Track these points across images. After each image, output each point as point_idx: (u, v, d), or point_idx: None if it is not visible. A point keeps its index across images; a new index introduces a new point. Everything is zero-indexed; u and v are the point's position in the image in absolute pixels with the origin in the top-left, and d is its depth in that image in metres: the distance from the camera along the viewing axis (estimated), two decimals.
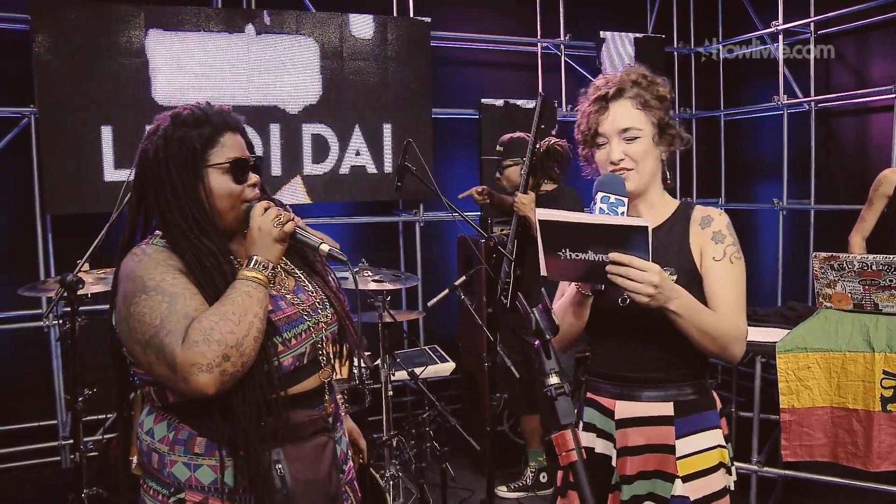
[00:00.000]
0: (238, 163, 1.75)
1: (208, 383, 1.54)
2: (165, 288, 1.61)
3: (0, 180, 4.76)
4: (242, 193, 1.76)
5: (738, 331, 1.88)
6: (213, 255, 1.69)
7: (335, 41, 5.16)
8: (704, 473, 1.92)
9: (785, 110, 5.76)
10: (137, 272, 1.65)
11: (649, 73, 2.00)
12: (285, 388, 1.71)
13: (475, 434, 4.02)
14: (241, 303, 1.61)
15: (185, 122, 1.74)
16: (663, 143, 1.97)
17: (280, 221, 1.72)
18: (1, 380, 4.83)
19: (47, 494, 4.35)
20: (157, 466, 1.71)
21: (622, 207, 1.79)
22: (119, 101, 4.65)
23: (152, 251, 1.70)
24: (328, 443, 1.80)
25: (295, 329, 1.75)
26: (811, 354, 3.50)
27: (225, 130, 1.76)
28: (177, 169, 1.70)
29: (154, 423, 1.75)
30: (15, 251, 4.82)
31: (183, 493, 1.69)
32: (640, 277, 1.68)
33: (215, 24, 4.84)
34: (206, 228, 1.71)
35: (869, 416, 3.35)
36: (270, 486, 1.67)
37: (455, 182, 5.57)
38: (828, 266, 3.67)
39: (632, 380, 1.96)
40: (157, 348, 1.56)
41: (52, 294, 3.58)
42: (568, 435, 1.41)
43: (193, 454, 1.69)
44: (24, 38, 4.56)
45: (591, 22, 6.12)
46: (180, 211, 1.70)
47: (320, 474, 1.75)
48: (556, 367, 1.44)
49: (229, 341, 1.56)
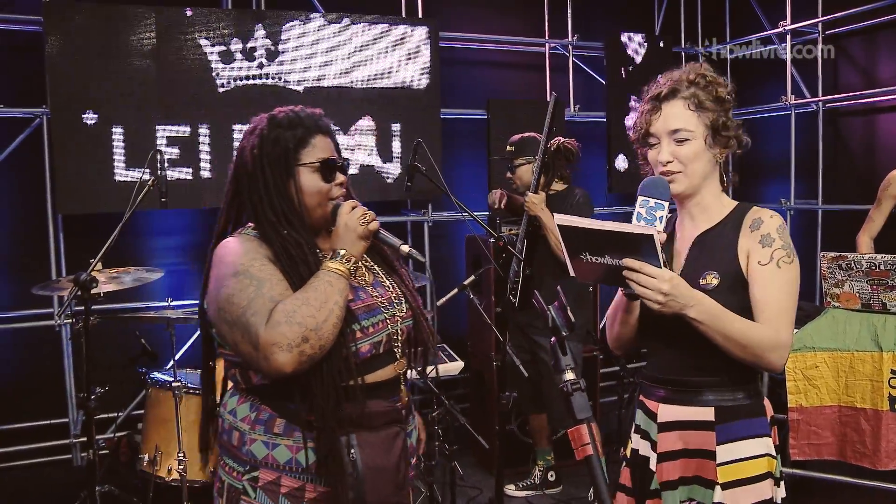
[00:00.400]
0: (327, 163, 1.89)
1: (286, 362, 1.65)
2: (254, 273, 1.74)
3: (12, 180, 4.80)
4: (330, 191, 1.89)
5: (777, 339, 1.80)
6: (299, 245, 1.82)
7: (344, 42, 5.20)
8: (748, 482, 1.86)
9: (792, 110, 5.77)
10: (229, 258, 1.78)
11: (710, 73, 1.96)
12: (362, 374, 1.81)
13: (484, 433, 4.04)
14: (322, 290, 1.72)
15: (280, 123, 1.90)
16: (717, 145, 1.92)
17: (366, 220, 1.84)
18: (12, 378, 4.87)
19: (59, 492, 4.37)
20: (237, 444, 1.84)
21: (661, 212, 1.78)
22: (130, 101, 4.68)
23: (244, 240, 1.84)
24: (400, 434, 1.89)
25: (373, 318, 1.86)
26: (819, 354, 3.51)
27: (316, 133, 1.91)
28: (270, 166, 1.86)
29: (237, 403, 1.88)
30: (26, 251, 4.87)
31: (257, 472, 1.81)
32: (650, 284, 1.68)
33: (225, 26, 4.88)
34: (294, 222, 1.85)
35: (877, 416, 3.36)
36: (343, 468, 1.76)
37: (463, 182, 5.60)
38: (836, 266, 3.68)
39: (675, 383, 1.94)
40: (244, 328, 1.69)
41: (65, 293, 3.61)
42: (584, 429, 1.41)
43: (273, 434, 1.80)
44: (36, 39, 4.59)
45: (598, 22, 6.14)
46: (271, 205, 1.84)
47: (390, 463, 1.84)
48: (572, 364, 1.46)
49: (309, 325, 1.67)
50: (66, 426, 4.91)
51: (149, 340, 4.08)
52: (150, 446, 3.74)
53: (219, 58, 4.89)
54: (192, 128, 4.86)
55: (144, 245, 5.13)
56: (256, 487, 1.81)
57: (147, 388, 3.90)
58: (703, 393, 1.90)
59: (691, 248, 1.95)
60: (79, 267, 3.42)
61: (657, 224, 1.77)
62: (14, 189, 4.83)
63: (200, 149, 4.89)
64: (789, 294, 1.84)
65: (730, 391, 1.89)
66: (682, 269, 1.94)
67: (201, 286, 1.90)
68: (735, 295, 1.84)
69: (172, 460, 3.60)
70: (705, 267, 1.88)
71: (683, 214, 2.00)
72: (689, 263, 1.94)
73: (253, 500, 1.81)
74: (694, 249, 1.95)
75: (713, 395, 1.89)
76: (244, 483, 1.83)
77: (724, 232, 1.92)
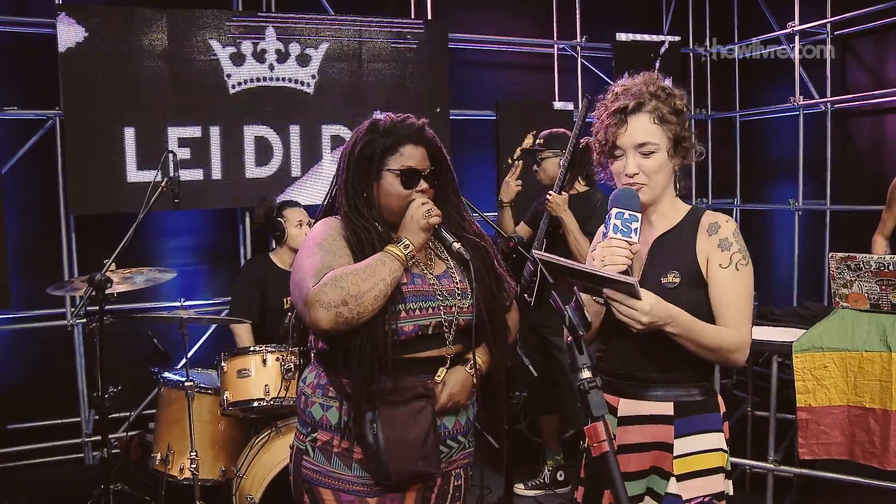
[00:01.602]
0: (409, 171, 2.06)
1: (323, 318, 1.85)
2: (326, 246, 1.99)
3: (26, 182, 4.84)
4: (409, 196, 2.05)
5: (740, 340, 1.92)
6: (367, 231, 2.02)
7: (354, 43, 5.23)
8: (701, 474, 1.95)
9: (801, 111, 5.76)
10: (314, 233, 2.07)
11: (668, 85, 2.02)
12: (401, 352, 1.96)
13: (493, 432, 4.06)
14: (374, 265, 1.91)
15: (378, 129, 2.09)
16: (678, 156, 2.01)
17: (430, 214, 2.00)
18: (25, 378, 4.92)
19: (71, 491, 4.40)
20: (303, 406, 2.09)
21: (636, 223, 1.87)
22: (142, 103, 4.72)
23: (330, 221, 2.10)
24: (425, 407, 1.98)
25: (423, 303, 2.01)
26: (828, 354, 3.51)
27: (407, 142, 2.08)
28: (355, 165, 2.07)
29: (308, 371, 2.14)
30: (39, 251, 4.91)
31: (316, 433, 2.04)
32: (629, 314, 1.77)
33: (235, 27, 4.92)
34: (365, 213, 2.05)
35: (886, 415, 3.36)
36: (364, 440, 1.94)
37: (472, 182, 5.61)
38: (844, 266, 3.68)
39: (635, 378, 2.02)
40: (300, 285, 1.93)
41: (78, 293, 3.64)
42: (600, 426, 1.45)
43: (328, 397, 2.04)
44: (50, 41, 4.63)
45: (607, 23, 6.15)
46: (347, 198, 2.07)
47: (413, 436, 1.95)
48: (588, 362, 1.50)
49: (351, 291, 1.85)
50: (78, 425, 4.95)
51: (161, 340, 4.10)
52: (162, 445, 3.77)
53: (230, 59, 4.93)
54: (203, 129, 4.89)
55: (156, 245, 5.17)
56: (315, 448, 2.03)
57: (159, 388, 3.92)
58: (662, 388, 1.99)
59: (651, 249, 2.04)
60: (91, 267, 3.45)
61: (632, 236, 1.86)
62: (27, 190, 4.87)
63: (212, 150, 4.92)
64: (747, 295, 1.96)
65: (687, 387, 1.99)
66: (644, 268, 2.03)
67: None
68: (694, 293, 1.95)
69: (184, 459, 3.62)
70: (666, 267, 1.98)
71: (643, 222, 2.06)
72: (649, 263, 2.03)
73: (312, 459, 2.03)
74: (654, 250, 2.04)
75: (672, 391, 1.98)
76: (306, 444, 2.05)
77: (681, 234, 2.02)
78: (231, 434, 3.77)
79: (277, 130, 5.06)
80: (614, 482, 1.39)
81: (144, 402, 4.96)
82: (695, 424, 1.96)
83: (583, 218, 3.83)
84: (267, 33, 5.01)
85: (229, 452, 3.74)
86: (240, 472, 3.39)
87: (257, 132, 5.02)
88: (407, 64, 5.38)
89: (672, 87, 2.02)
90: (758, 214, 6.50)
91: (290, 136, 5.12)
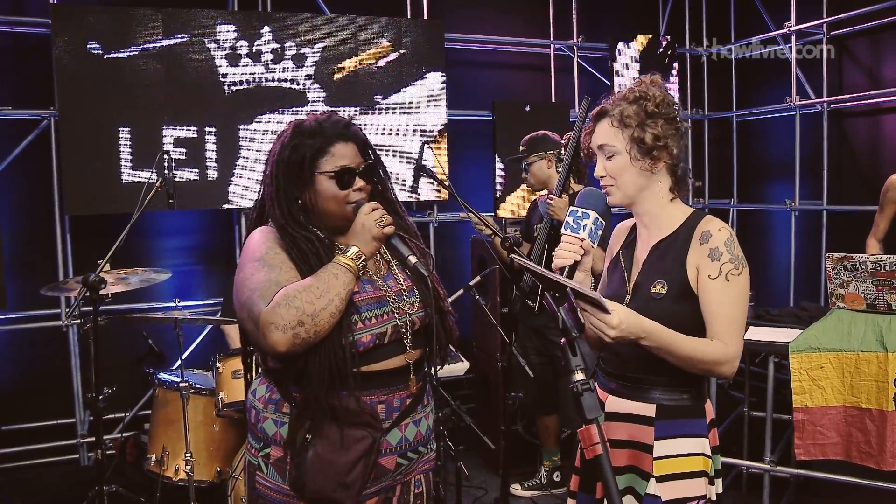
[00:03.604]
0: (343, 171, 1.96)
1: (280, 341, 1.76)
2: (268, 260, 1.88)
3: (20, 182, 4.83)
4: (347, 197, 1.97)
5: (726, 352, 1.90)
6: (309, 241, 1.93)
7: (350, 43, 5.22)
8: (681, 477, 1.95)
9: (797, 111, 5.76)
10: (251, 247, 1.94)
11: (648, 90, 2.01)
12: (361, 364, 1.89)
13: (489, 433, 4.05)
14: (326, 280, 1.82)
15: (303, 131, 1.98)
16: (645, 157, 1.99)
17: (382, 223, 1.91)
18: (20, 379, 4.90)
19: (66, 492, 4.39)
20: (254, 421, 1.99)
21: (587, 220, 1.97)
22: (137, 103, 4.71)
23: (266, 232, 1.97)
24: (364, 438, 1.90)
25: (377, 310, 1.95)
26: (824, 354, 3.51)
27: (336, 141, 1.97)
28: (285, 172, 1.96)
29: (258, 384, 2.04)
30: (33, 252, 4.89)
31: (269, 449, 1.94)
32: (598, 326, 1.78)
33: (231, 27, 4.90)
34: (302, 221, 1.96)
35: (882, 416, 3.36)
36: (294, 444, 1.88)
37: (469, 182, 5.61)
38: (841, 266, 3.68)
39: (625, 378, 2.04)
40: (249, 307, 1.82)
41: (73, 294, 3.63)
42: (594, 429, 1.45)
43: (281, 413, 1.94)
44: (44, 41, 4.62)
45: (603, 24, 6.15)
46: (279, 208, 1.96)
47: (339, 459, 1.87)
48: (582, 364, 1.50)
49: (307, 310, 1.77)
50: (73, 426, 4.93)
51: (156, 341, 4.10)
52: (157, 446, 3.76)
53: (225, 59, 4.92)
54: (198, 129, 4.88)
55: (151, 246, 5.15)
56: (269, 464, 1.94)
57: (154, 389, 3.92)
58: (649, 390, 2.00)
59: (648, 255, 2.05)
60: (86, 268, 3.44)
61: (581, 232, 1.96)
62: (22, 190, 4.85)
63: (207, 150, 4.91)
64: (738, 306, 1.94)
65: (674, 392, 1.99)
66: (639, 275, 2.05)
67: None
68: (682, 304, 1.94)
69: (180, 460, 3.62)
70: (656, 276, 1.99)
71: (639, 223, 2.12)
72: (644, 270, 2.04)
73: (265, 475, 1.94)
74: (651, 257, 2.05)
75: (658, 393, 1.99)
76: (259, 459, 1.96)
77: (677, 243, 2.01)
78: (226, 435, 3.76)
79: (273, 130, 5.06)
80: (608, 485, 1.38)
81: (140, 404, 4.94)
82: (676, 428, 1.97)
83: None
84: (262, 33, 5.00)
85: (224, 453, 3.73)
86: (235, 473, 3.38)
87: (253, 132, 5.01)
88: (403, 64, 5.37)
89: (655, 90, 2.01)
90: (754, 215, 6.49)
91: None
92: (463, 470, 3.78)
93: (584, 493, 2.10)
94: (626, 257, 2.10)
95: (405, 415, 1.99)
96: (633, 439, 2.00)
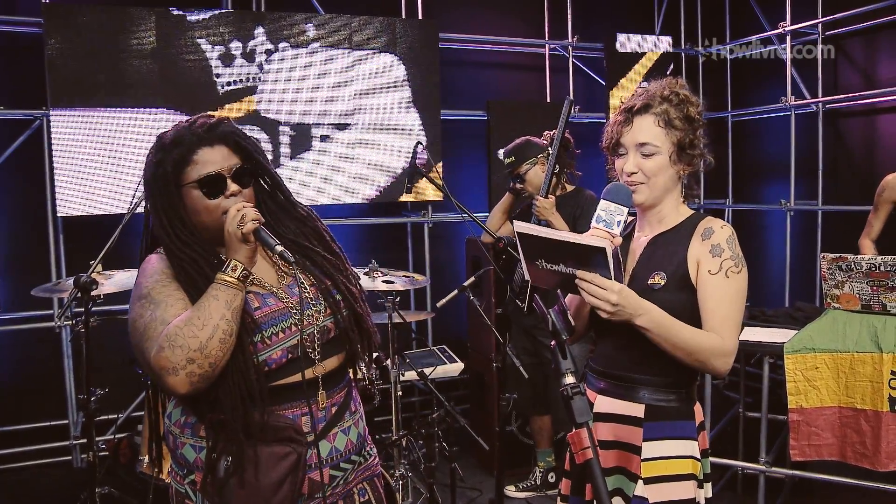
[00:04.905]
0: (209, 179, 1.78)
1: (177, 384, 1.64)
2: (154, 296, 1.74)
3: (12, 182, 4.81)
4: (219, 206, 1.79)
5: (722, 346, 1.89)
6: (194, 262, 1.77)
7: (343, 43, 5.20)
8: (669, 479, 1.94)
9: (792, 111, 5.76)
10: (139, 279, 1.80)
11: (684, 91, 2.01)
12: (272, 380, 1.78)
13: (484, 434, 4.04)
14: (206, 307, 1.67)
15: (164, 145, 1.80)
16: (682, 162, 1.99)
17: (242, 221, 1.72)
18: (12, 380, 4.88)
19: (58, 494, 4.38)
20: (173, 447, 1.85)
21: (620, 216, 1.87)
22: (130, 103, 4.68)
23: (155, 261, 1.83)
24: (289, 454, 1.77)
25: (282, 323, 1.81)
26: (819, 355, 3.50)
27: (198, 147, 1.79)
28: (157, 191, 1.80)
29: (174, 407, 1.89)
30: (25, 253, 4.87)
31: (193, 475, 1.81)
32: (600, 294, 1.76)
33: (225, 27, 4.88)
34: (188, 240, 1.79)
35: (877, 417, 3.36)
36: (214, 470, 1.75)
37: (463, 183, 5.60)
38: (836, 267, 3.68)
39: (615, 378, 2.03)
40: (140, 353, 1.71)
41: (65, 295, 3.60)
42: (584, 433, 1.44)
43: (199, 437, 1.80)
44: (37, 40, 4.60)
45: (599, 24, 6.14)
46: (162, 227, 1.80)
47: (263, 481, 1.74)
48: (572, 367, 1.48)
49: (192, 345, 1.63)
50: (66, 428, 4.91)
51: None
52: (150, 448, 3.73)
53: (219, 59, 4.90)
54: None
55: None
56: (196, 490, 1.80)
57: (147, 390, 3.89)
58: (639, 391, 1.99)
59: (645, 248, 2.06)
60: (78, 269, 3.42)
61: (614, 228, 1.87)
62: (14, 191, 4.83)
63: None
64: (736, 303, 1.93)
65: (664, 392, 1.98)
66: (635, 267, 2.04)
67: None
68: (679, 296, 1.94)
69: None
70: (655, 267, 1.99)
71: (643, 220, 2.10)
72: (641, 263, 2.04)
73: (195, 502, 1.81)
74: (647, 250, 2.05)
75: (647, 394, 1.98)
76: (185, 487, 1.83)
77: (677, 236, 2.02)
78: None
79: (267, 130, 5.04)
80: (598, 489, 1.37)
81: (133, 405, 4.92)
82: (665, 430, 1.96)
83: (573, 218, 3.82)
84: (256, 32, 4.98)
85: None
86: None
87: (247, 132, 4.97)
88: (397, 64, 5.36)
89: (691, 95, 2.02)
90: (749, 215, 6.50)
91: (279, 135, 5.09)
92: (457, 471, 3.77)
93: (574, 496, 2.09)
94: (621, 248, 2.05)
95: (331, 425, 1.88)
96: (622, 440, 1.99)
